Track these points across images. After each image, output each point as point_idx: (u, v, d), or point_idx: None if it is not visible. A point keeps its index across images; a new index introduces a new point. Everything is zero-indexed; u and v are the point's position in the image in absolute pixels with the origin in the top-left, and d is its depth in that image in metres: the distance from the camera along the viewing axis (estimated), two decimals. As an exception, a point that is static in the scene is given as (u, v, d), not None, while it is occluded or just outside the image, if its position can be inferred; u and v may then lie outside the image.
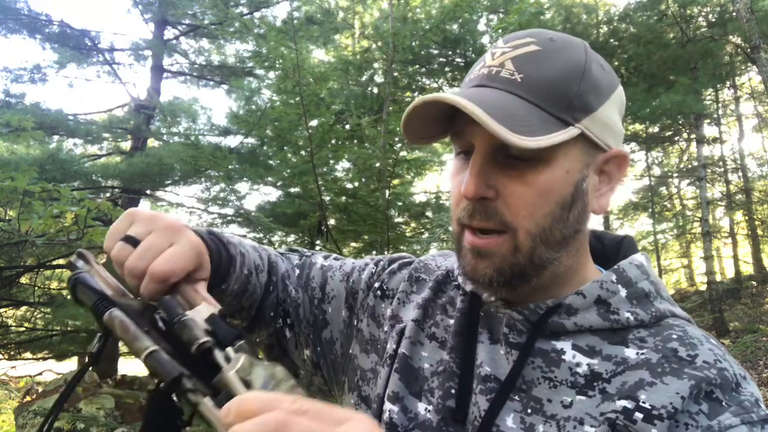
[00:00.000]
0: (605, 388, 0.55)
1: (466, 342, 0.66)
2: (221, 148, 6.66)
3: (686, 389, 0.52)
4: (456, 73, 9.00)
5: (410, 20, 7.15)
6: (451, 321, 0.69)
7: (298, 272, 0.86)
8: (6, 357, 9.05)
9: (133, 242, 0.57)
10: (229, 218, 8.36)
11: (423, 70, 8.99)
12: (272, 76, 6.69)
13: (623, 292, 0.60)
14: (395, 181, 5.63)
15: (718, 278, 12.02)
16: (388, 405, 0.66)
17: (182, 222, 0.63)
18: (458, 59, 8.81)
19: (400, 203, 5.80)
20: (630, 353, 0.57)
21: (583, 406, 0.55)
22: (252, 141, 8.62)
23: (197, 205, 9.38)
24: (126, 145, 9.86)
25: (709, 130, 13.20)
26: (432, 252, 0.83)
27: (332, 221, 5.76)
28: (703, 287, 12.67)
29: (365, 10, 10.75)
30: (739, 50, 10.20)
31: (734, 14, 8.63)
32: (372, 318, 0.78)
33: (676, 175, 15.02)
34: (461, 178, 0.60)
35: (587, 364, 0.58)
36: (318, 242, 6.02)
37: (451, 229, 0.65)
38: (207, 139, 8.74)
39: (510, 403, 0.59)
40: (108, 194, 9.25)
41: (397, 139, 5.15)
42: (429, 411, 0.63)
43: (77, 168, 8.09)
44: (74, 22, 10.23)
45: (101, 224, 3.85)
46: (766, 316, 10.08)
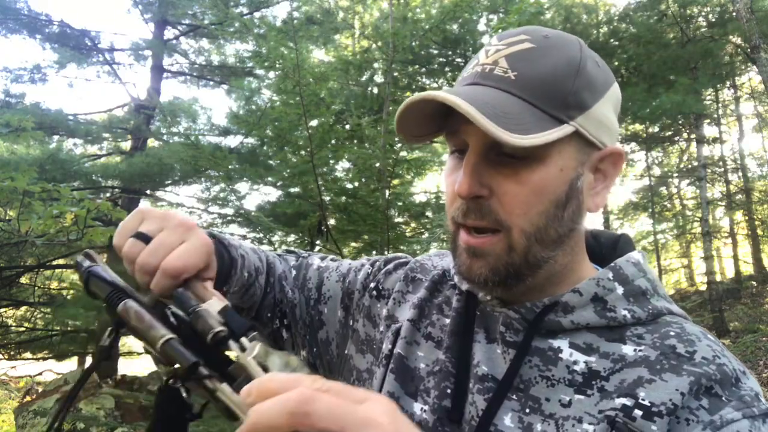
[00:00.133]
0: (604, 386, 0.55)
1: (462, 341, 0.65)
2: (221, 148, 6.66)
3: (686, 386, 0.51)
4: (456, 73, 8.98)
5: (410, 20, 7.14)
6: (447, 320, 0.69)
7: (295, 273, 0.86)
8: (6, 357, 9.06)
9: (145, 239, 0.58)
10: (229, 218, 8.36)
11: (423, 70, 8.98)
12: (272, 76, 6.69)
13: (620, 290, 0.60)
14: (395, 181, 5.63)
15: (718, 278, 12.01)
16: None
17: (193, 220, 0.63)
18: (458, 59, 8.80)
19: (400, 203, 5.79)
20: (627, 350, 0.57)
21: (582, 406, 0.55)
22: (252, 141, 8.62)
23: (197, 205, 9.38)
24: (126, 145, 9.86)
25: (709, 130, 13.21)
26: (430, 252, 0.83)
27: (332, 221, 5.75)
28: (703, 287, 12.67)
29: (365, 10, 10.75)
30: (739, 50, 10.20)
31: (734, 14, 8.63)
32: (368, 318, 0.77)
33: (676, 175, 15.01)
34: (456, 177, 0.60)
35: (585, 362, 0.57)
36: (318, 242, 6.01)
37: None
38: (207, 139, 8.74)
39: (508, 403, 0.58)
40: (108, 194, 9.25)
41: (397, 139, 5.15)
42: (425, 411, 0.63)
43: (77, 168, 8.09)
44: (74, 22, 10.25)
45: (101, 224, 3.85)
46: (766, 316, 10.07)
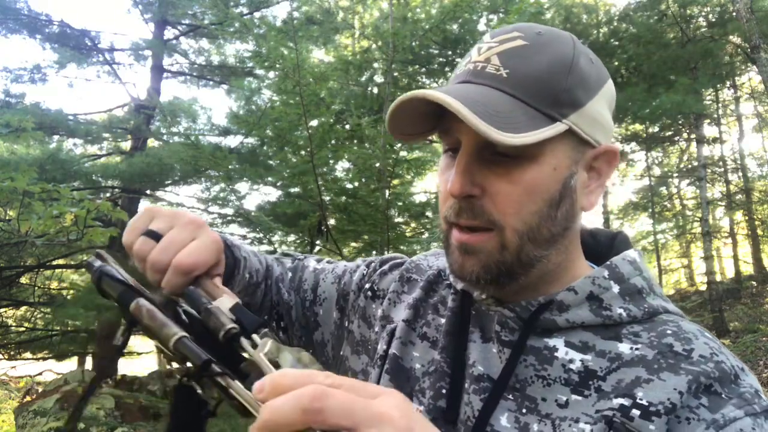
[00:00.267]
0: (601, 386, 0.55)
1: (457, 341, 0.65)
2: (221, 148, 6.65)
3: (684, 384, 0.51)
4: (456, 74, 8.96)
5: (410, 20, 7.13)
6: (443, 320, 0.68)
7: (291, 275, 0.86)
8: (6, 357, 9.05)
9: (156, 236, 0.58)
10: (229, 218, 8.37)
11: (423, 70, 8.97)
12: (272, 76, 6.69)
13: (615, 288, 0.60)
14: (395, 181, 5.62)
15: (718, 278, 12.01)
16: None
17: (202, 218, 0.63)
18: (458, 59, 8.78)
19: (400, 203, 5.79)
20: (624, 348, 0.56)
21: (579, 406, 0.54)
22: (252, 141, 8.62)
23: (197, 205, 9.38)
24: (126, 145, 9.85)
25: (709, 130, 13.21)
26: (426, 251, 0.83)
27: (332, 221, 5.75)
28: (703, 287, 12.68)
29: (365, 10, 10.74)
30: (739, 50, 10.20)
31: (734, 14, 8.63)
32: (363, 319, 0.77)
33: (676, 175, 15.01)
34: (448, 176, 0.59)
35: (581, 361, 0.57)
36: (318, 242, 6.02)
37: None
38: (207, 139, 8.73)
39: (504, 403, 0.58)
40: (108, 194, 9.25)
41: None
42: (420, 411, 0.62)
43: (77, 168, 8.08)
44: (74, 22, 10.25)
45: (101, 225, 3.85)
46: (766, 316, 10.07)
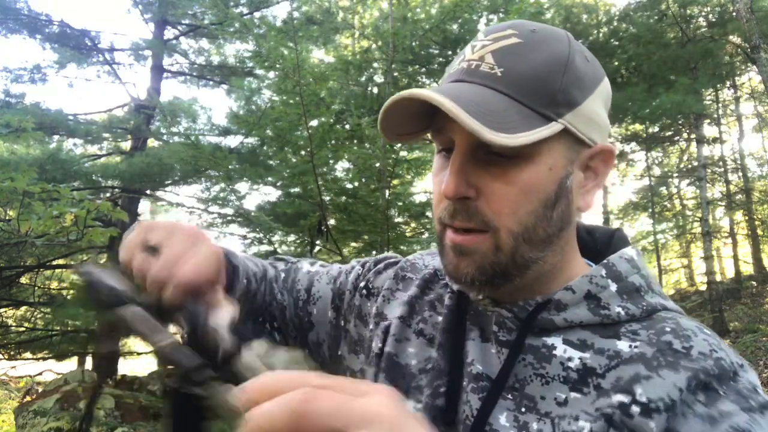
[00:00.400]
0: (600, 384, 0.54)
1: (455, 339, 0.65)
2: (221, 148, 6.65)
3: (683, 381, 0.51)
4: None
5: (410, 20, 7.13)
6: (440, 318, 0.68)
7: (284, 276, 0.86)
8: (6, 357, 9.04)
9: (154, 251, 0.57)
10: (229, 218, 8.36)
11: (423, 70, 8.97)
12: (272, 76, 6.68)
13: (613, 287, 0.59)
14: (395, 181, 5.62)
15: (718, 278, 12.01)
16: None
17: (200, 229, 0.62)
18: (458, 59, 8.79)
19: (400, 203, 5.79)
20: (623, 346, 0.56)
21: (579, 404, 0.54)
22: (252, 141, 8.61)
23: (197, 205, 9.37)
24: (126, 145, 9.85)
25: (709, 130, 13.21)
26: (422, 250, 0.83)
27: (332, 221, 5.75)
28: (703, 287, 12.67)
29: (365, 10, 10.74)
30: (739, 50, 10.20)
31: (734, 14, 8.64)
32: (359, 318, 0.77)
33: (676, 175, 15.01)
34: (442, 177, 0.58)
35: (579, 358, 0.57)
36: (318, 242, 6.02)
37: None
38: (207, 139, 8.72)
39: (503, 402, 0.58)
40: (108, 194, 9.24)
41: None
42: (417, 409, 0.62)
43: (77, 168, 8.08)
44: (74, 22, 10.21)
45: (101, 225, 3.85)
46: (766, 316, 10.07)
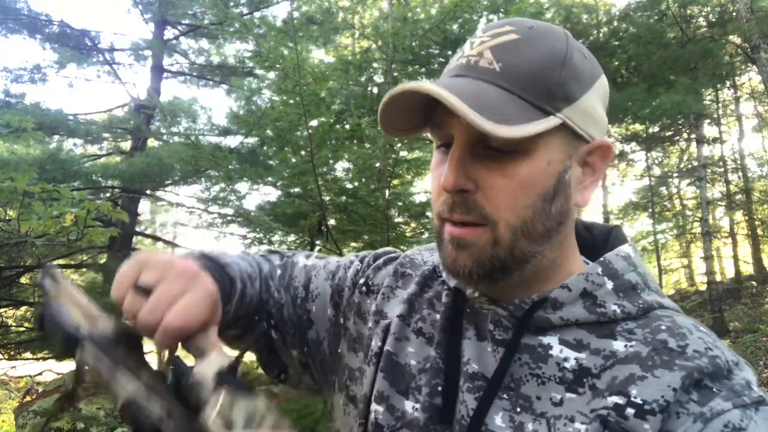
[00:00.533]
0: (595, 384, 0.54)
1: (451, 337, 0.64)
2: (221, 148, 6.64)
3: (678, 381, 0.51)
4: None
5: (410, 20, 7.13)
6: (438, 316, 0.68)
7: (280, 272, 0.84)
8: (6, 357, 9.04)
9: (145, 292, 0.54)
10: (229, 218, 8.36)
11: (423, 70, 8.97)
12: (272, 76, 6.68)
13: (609, 285, 0.59)
14: (395, 181, 5.62)
15: (718, 278, 12.01)
16: (375, 406, 0.65)
17: (196, 266, 0.59)
18: (458, 59, 8.80)
19: (400, 203, 5.78)
20: (618, 346, 0.56)
21: (574, 405, 0.54)
22: (252, 141, 8.61)
23: (197, 205, 9.39)
24: (126, 145, 9.86)
25: (709, 130, 13.21)
26: (421, 246, 0.82)
27: (332, 221, 5.75)
28: (703, 287, 12.66)
29: (365, 10, 10.75)
30: (739, 50, 10.20)
31: (734, 14, 8.64)
32: (358, 315, 0.76)
33: (676, 175, 15.01)
34: (441, 171, 0.58)
35: (575, 359, 0.57)
36: (318, 242, 6.01)
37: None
38: (207, 139, 8.73)
39: (498, 402, 0.58)
40: (108, 194, 9.25)
41: (397, 139, 5.15)
42: (416, 409, 0.62)
43: (77, 168, 8.08)
44: (74, 22, 10.25)
45: (101, 225, 3.85)
46: (766, 316, 10.07)
